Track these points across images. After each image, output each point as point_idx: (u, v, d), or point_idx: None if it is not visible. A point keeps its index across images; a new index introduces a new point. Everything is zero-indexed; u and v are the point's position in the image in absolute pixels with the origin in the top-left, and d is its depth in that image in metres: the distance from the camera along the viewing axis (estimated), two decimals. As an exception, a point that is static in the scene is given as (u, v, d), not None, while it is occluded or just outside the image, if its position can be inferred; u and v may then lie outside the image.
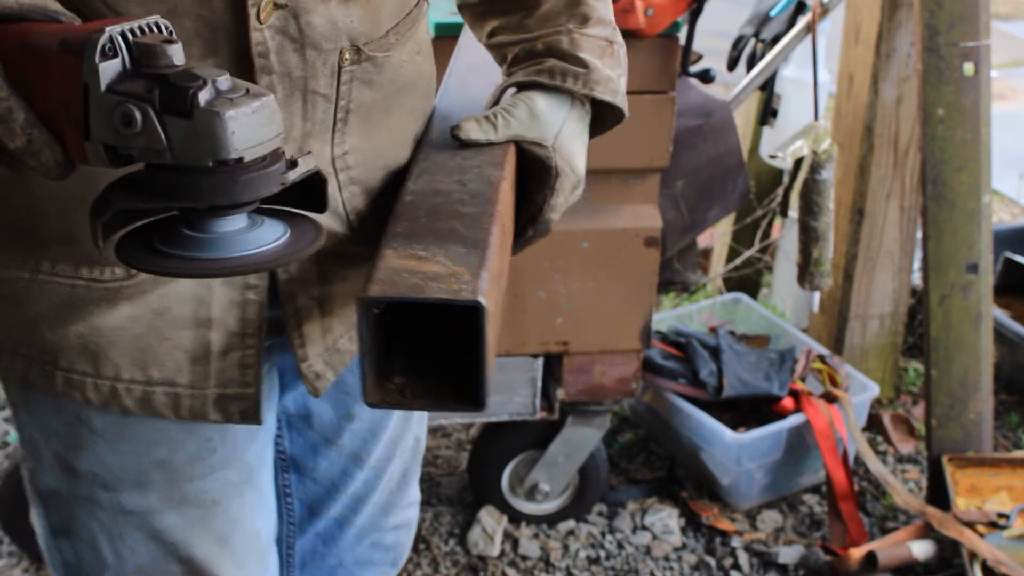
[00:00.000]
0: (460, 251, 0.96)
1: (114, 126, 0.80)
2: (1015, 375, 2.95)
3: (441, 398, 0.96)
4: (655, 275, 2.23)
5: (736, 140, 2.48)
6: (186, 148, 0.80)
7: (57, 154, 0.85)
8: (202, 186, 0.81)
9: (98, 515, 1.14)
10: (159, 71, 0.80)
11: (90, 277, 1.03)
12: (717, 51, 2.94)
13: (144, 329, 1.05)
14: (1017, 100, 5.04)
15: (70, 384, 1.07)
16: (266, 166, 0.83)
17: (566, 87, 1.11)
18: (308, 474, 1.38)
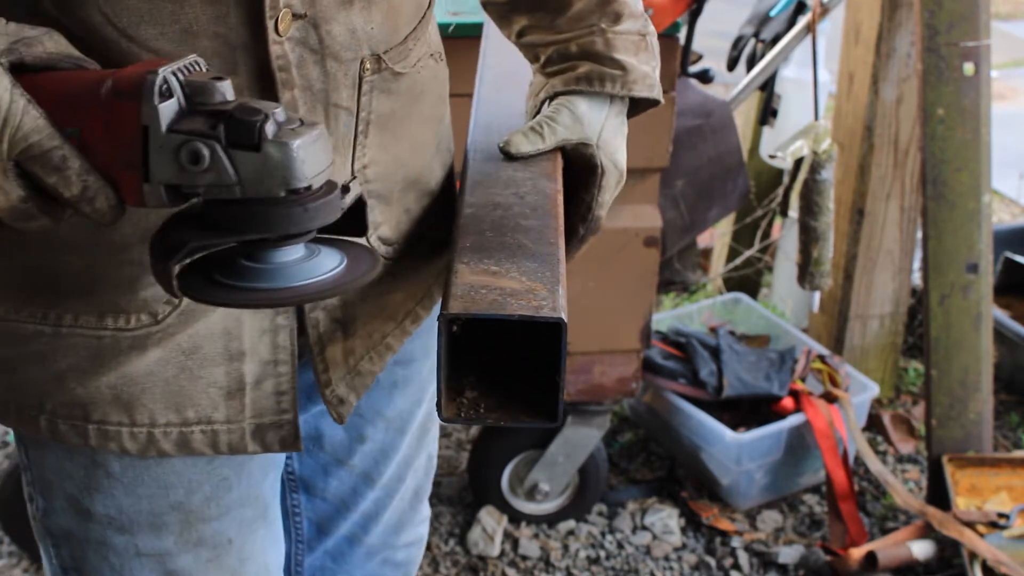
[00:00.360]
0: (532, 266, 0.96)
1: (179, 165, 0.80)
2: (1015, 375, 2.95)
3: (513, 412, 0.96)
4: (655, 275, 2.23)
5: (736, 140, 2.48)
6: (256, 180, 0.80)
7: (111, 199, 0.84)
8: (275, 216, 0.81)
9: (110, 558, 1.12)
10: (216, 108, 0.81)
11: (115, 327, 1.01)
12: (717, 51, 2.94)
13: (176, 371, 1.03)
14: (1017, 100, 5.04)
15: (105, 436, 1.04)
16: (328, 193, 0.84)
17: (605, 91, 1.12)
18: (318, 494, 1.36)
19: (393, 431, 1.32)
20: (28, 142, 0.81)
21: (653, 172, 2.17)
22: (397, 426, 1.32)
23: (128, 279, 1.00)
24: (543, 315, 0.89)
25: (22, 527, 2.33)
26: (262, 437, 1.08)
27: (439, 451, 2.75)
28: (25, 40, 0.83)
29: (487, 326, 0.92)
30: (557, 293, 0.93)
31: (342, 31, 0.98)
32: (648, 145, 2.13)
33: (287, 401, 1.08)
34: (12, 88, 0.80)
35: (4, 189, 0.82)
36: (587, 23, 1.13)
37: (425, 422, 1.36)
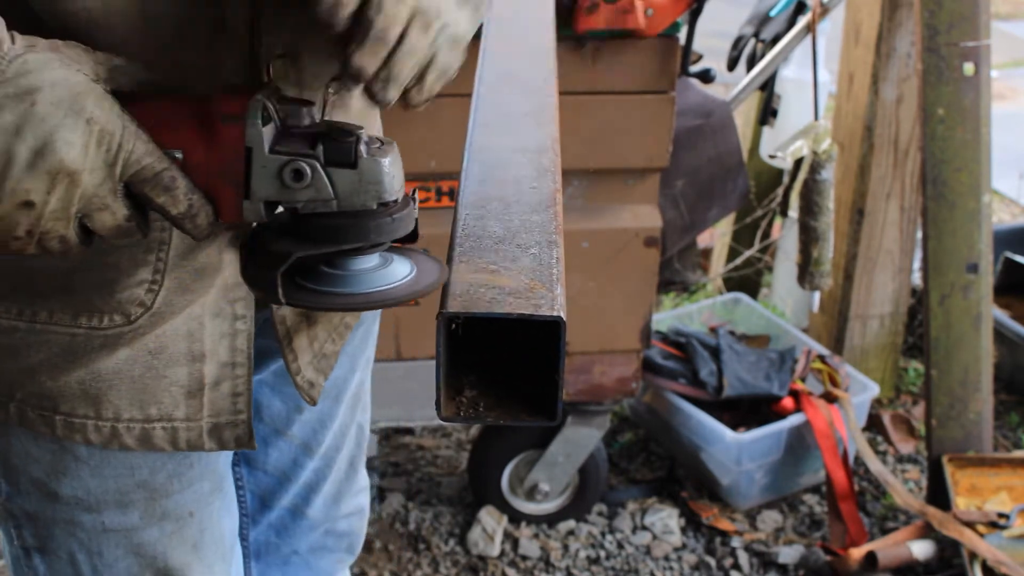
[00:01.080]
0: (530, 264, 0.97)
1: (281, 183, 0.88)
2: (1015, 375, 2.95)
3: (513, 411, 0.97)
4: (655, 275, 2.23)
5: (736, 140, 2.47)
6: (352, 195, 0.88)
7: (211, 215, 0.90)
8: (368, 227, 0.89)
9: (78, 535, 1.16)
10: (307, 129, 0.89)
11: (89, 326, 1.05)
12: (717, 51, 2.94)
13: (142, 370, 1.07)
14: (1017, 100, 5.04)
15: (71, 428, 1.08)
16: (407, 205, 0.92)
17: None
18: (259, 466, 1.40)
19: (329, 399, 1.36)
20: (141, 165, 0.86)
21: (653, 172, 2.18)
22: (333, 394, 1.36)
23: (106, 281, 1.03)
24: (542, 314, 0.90)
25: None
26: (219, 435, 1.12)
27: (439, 451, 2.76)
28: (118, 69, 0.87)
29: (486, 325, 0.93)
30: (555, 291, 0.93)
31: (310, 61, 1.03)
32: (648, 145, 2.13)
33: (242, 402, 1.12)
34: (122, 114, 0.85)
35: (112, 209, 0.87)
36: None
37: (358, 391, 1.40)
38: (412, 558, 2.45)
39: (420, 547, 2.47)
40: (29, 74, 0.82)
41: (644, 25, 2.01)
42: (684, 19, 2.19)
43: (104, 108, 0.84)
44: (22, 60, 0.82)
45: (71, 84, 0.83)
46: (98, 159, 0.84)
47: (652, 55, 2.06)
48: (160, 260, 1.04)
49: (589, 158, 2.12)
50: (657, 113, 2.11)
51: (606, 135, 2.10)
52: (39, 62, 0.83)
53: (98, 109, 0.83)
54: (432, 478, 2.67)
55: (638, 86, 2.08)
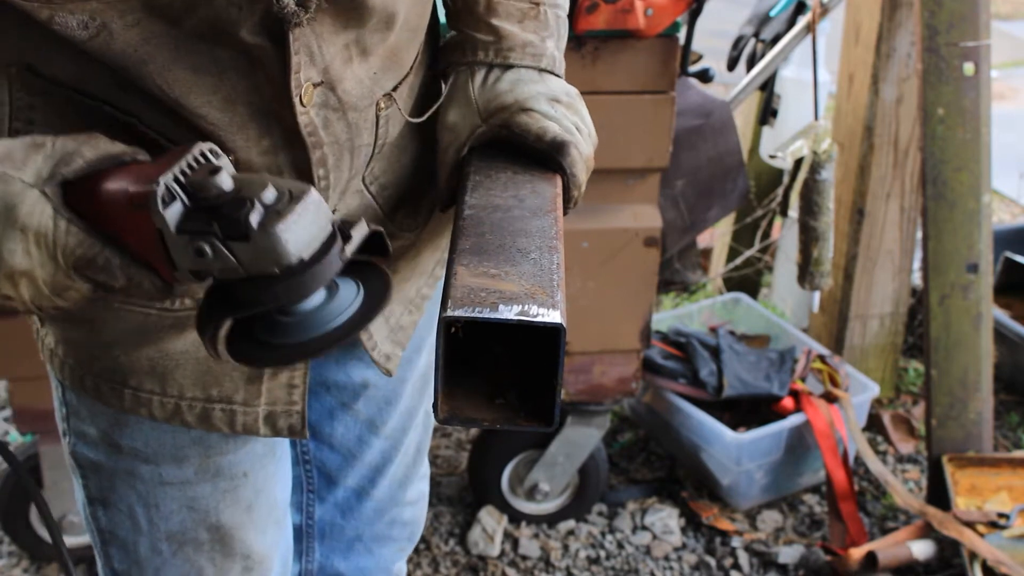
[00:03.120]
0: (531, 270, 0.98)
1: (193, 259, 0.92)
2: (1015, 375, 2.95)
3: (510, 415, 0.99)
4: (655, 275, 2.23)
5: (736, 140, 2.47)
6: (254, 264, 0.91)
7: (156, 282, 0.96)
8: (277, 290, 0.92)
9: (137, 487, 1.23)
10: (214, 202, 0.91)
11: (162, 307, 1.12)
12: (717, 51, 2.94)
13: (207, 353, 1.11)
14: (1017, 100, 5.04)
15: (138, 401, 1.16)
16: (324, 254, 0.93)
17: (477, 60, 1.14)
18: (325, 440, 1.44)
19: (395, 379, 1.39)
20: (76, 255, 0.94)
21: (653, 172, 2.18)
22: (399, 374, 1.39)
23: None
24: (541, 320, 0.92)
25: (22, 527, 2.33)
26: (273, 423, 1.19)
27: (439, 451, 2.76)
28: (65, 159, 0.94)
29: (486, 329, 0.94)
30: (556, 298, 0.95)
31: (353, 85, 1.06)
32: (648, 145, 2.13)
33: (298, 394, 1.19)
34: (55, 215, 0.93)
35: (75, 287, 0.96)
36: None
37: (426, 373, 1.43)
38: (412, 558, 2.45)
39: (420, 547, 2.47)
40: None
41: (644, 25, 2.01)
42: (684, 19, 2.19)
43: (35, 212, 0.92)
44: None
45: (6, 196, 0.91)
46: (42, 256, 0.93)
47: (652, 55, 2.06)
48: None
49: (589, 158, 2.12)
50: (657, 113, 2.11)
51: (606, 135, 2.08)
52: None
53: (28, 216, 0.92)
54: (432, 478, 2.67)
55: (638, 86, 2.08)
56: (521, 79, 1.14)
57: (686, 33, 2.30)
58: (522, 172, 1.12)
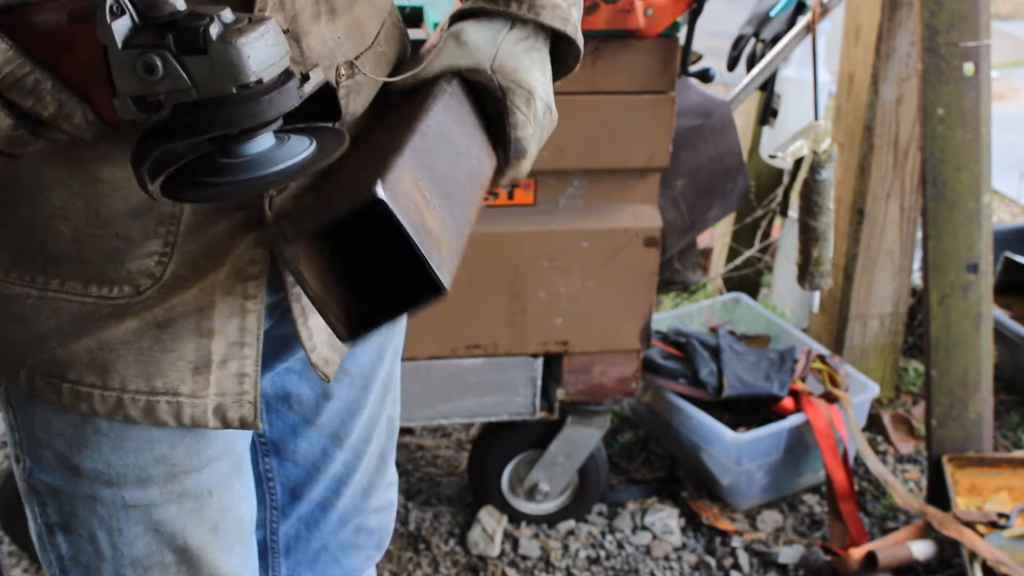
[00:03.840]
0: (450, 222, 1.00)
1: (138, 77, 0.86)
2: (1015, 375, 2.95)
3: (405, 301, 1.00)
4: (655, 275, 2.23)
5: (736, 140, 2.47)
6: (209, 81, 0.86)
7: (88, 114, 0.91)
8: (230, 113, 0.87)
9: (98, 511, 1.17)
10: (167, 19, 0.86)
11: (99, 294, 1.07)
12: (717, 51, 2.94)
13: (150, 342, 1.08)
14: (1017, 100, 5.04)
15: (77, 396, 1.10)
16: (283, 83, 0.89)
17: (509, 11, 1.12)
18: (288, 457, 1.41)
19: (357, 388, 1.36)
20: (2, 73, 0.89)
21: (653, 172, 2.18)
22: (360, 383, 1.36)
23: (115, 251, 1.05)
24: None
25: (22, 527, 2.33)
26: (223, 414, 1.13)
27: (439, 451, 2.76)
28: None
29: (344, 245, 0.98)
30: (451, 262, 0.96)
31: (318, 42, 1.05)
32: (648, 145, 2.13)
33: (249, 383, 1.13)
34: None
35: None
36: None
37: (387, 381, 1.40)
38: (412, 558, 2.45)
39: (420, 547, 2.47)
40: None
41: (644, 25, 2.01)
42: (684, 19, 2.19)
43: None
44: None
45: None
46: None
47: (652, 55, 2.06)
48: (171, 233, 1.05)
49: (589, 158, 2.12)
50: (657, 113, 2.11)
51: (606, 135, 2.10)
52: None
53: None
54: (432, 478, 2.67)
55: (638, 86, 2.08)
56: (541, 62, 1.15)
57: (686, 33, 2.31)
58: (480, 133, 1.13)
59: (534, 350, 2.25)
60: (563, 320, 2.23)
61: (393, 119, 1.10)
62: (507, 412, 2.32)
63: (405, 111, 1.10)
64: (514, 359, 2.26)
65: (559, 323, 2.23)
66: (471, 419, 2.35)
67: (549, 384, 2.33)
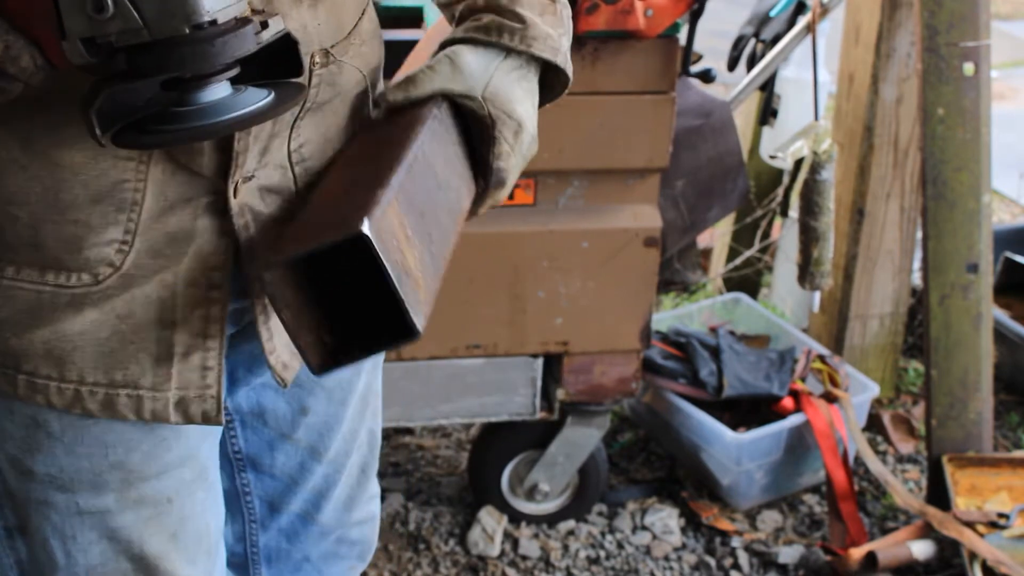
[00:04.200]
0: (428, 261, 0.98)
1: (87, 16, 0.82)
2: (1015, 375, 2.95)
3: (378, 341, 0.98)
4: (655, 275, 2.23)
5: (736, 140, 2.47)
6: (161, 20, 0.82)
7: (37, 57, 0.88)
8: (183, 54, 0.83)
9: (51, 517, 1.14)
10: None
11: (56, 283, 1.03)
12: (717, 51, 2.94)
13: (109, 333, 1.06)
14: (1017, 100, 5.04)
15: (33, 388, 1.07)
16: (239, 26, 0.86)
17: (502, 42, 1.11)
18: (266, 470, 1.39)
19: (335, 403, 1.34)
20: None
21: (653, 172, 2.18)
22: (338, 397, 1.34)
23: (73, 238, 1.02)
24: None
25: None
26: (185, 409, 1.10)
27: (439, 451, 2.76)
28: None
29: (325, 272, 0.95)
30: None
31: (296, 27, 1.02)
32: (648, 145, 2.13)
33: (212, 377, 1.10)
34: None
35: None
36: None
37: (365, 394, 1.39)
38: (412, 558, 2.45)
39: (420, 547, 2.47)
40: None
41: (644, 26, 2.01)
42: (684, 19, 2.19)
43: None
44: None
45: None
46: None
47: (652, 56, 2.06)
48: (131, 220, 1.02)
49: (589, 158, 2.12)
50: (657, 113, 2.11)
51: (606, 135, 2.10)
52: None
53: None
54: (432, 478, 2.67)
55: (638, 87, 2.08)
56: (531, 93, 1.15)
57: (687, 33, 2.30)
58: (462, 162, 1.12)
59: (534, 350, 2.25)
60: (563, 320, 2.23)
61: (379, 140, 1.09)
62: (507, 412, 2.32)
63: (391, 133, 1.08)
64: (514, 359, 2.26)
65: (559, 323, 2.23)
66: (471, 419, 2.35)
67: (549, 384, 2.33)
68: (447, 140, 1.11)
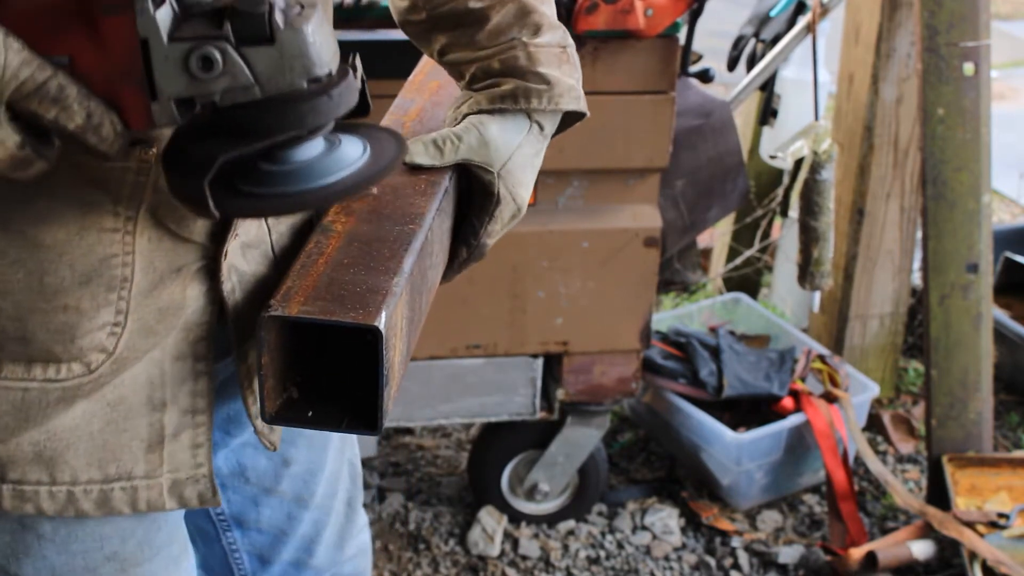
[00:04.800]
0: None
1: (189, 75, 0.75)
2: (1015, 375, 2.95)
3: (337, 418, 0.93)
4: (655, 275, 2.23)
5: (736, 140, 2.47)
6: (276, 76, 0.75)
7: (116, 123, 0.79)
8: (301, 111, 0.76)
9: None
10: (212, 6, 0.75)
11: (44, 377, 0.95)
12: (717, 51, 2.94)
13: (102, 424, 0.99)
14: (1017, 100, 5.04)
15: (21, 497, 0.98)
16: (344, 75, 0.79)
17: (531, 107, 1.09)
18: (252, 526, 1.34)
19: (316, 448, 1.30)
20: (19, 79, 0.75)
21: (653, 172, 2.18)
22: (319, 442, 1.30)
23: (64, 326, 0.95)
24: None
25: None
26: (180, 492, 1.05)
27: (439, 451, 2.76)
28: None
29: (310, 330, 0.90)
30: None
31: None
32: (648, 145, 2.13)
33: (202, 455, 1.05)
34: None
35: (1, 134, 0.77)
36: (507, 37, 1.10)
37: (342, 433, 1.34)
38: (412, 558, 2.45)
39: (420, 547, 2.47)
40: None
41: (644, 26, 2.01)
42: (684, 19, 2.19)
43: None
44: None
45: None
46: None
47: (652, 55, 2.06)
48: (122, 299, 0.95)
49: (589, 158, 2.12)
50: (657, 113, 2.11)
51: (606, 135, 2.10)
52: None
53: None
54: (432, 478, 2.67)
55: (638, 86, 2.08)
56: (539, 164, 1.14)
57: (686, 33, 2.30)
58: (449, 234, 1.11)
59: (534, 350, 2.25)
60: (563, 320, 2.23)
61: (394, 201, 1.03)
62: (507, 412, 2.32)
63: (405, 198, 1.03)
64: (514, 359, 2.26)
65: (559, 323, 2.23)
66: (471, 419, 2.35)
67: (549, 384, 2.33)
68: (447, 214, 1.08)
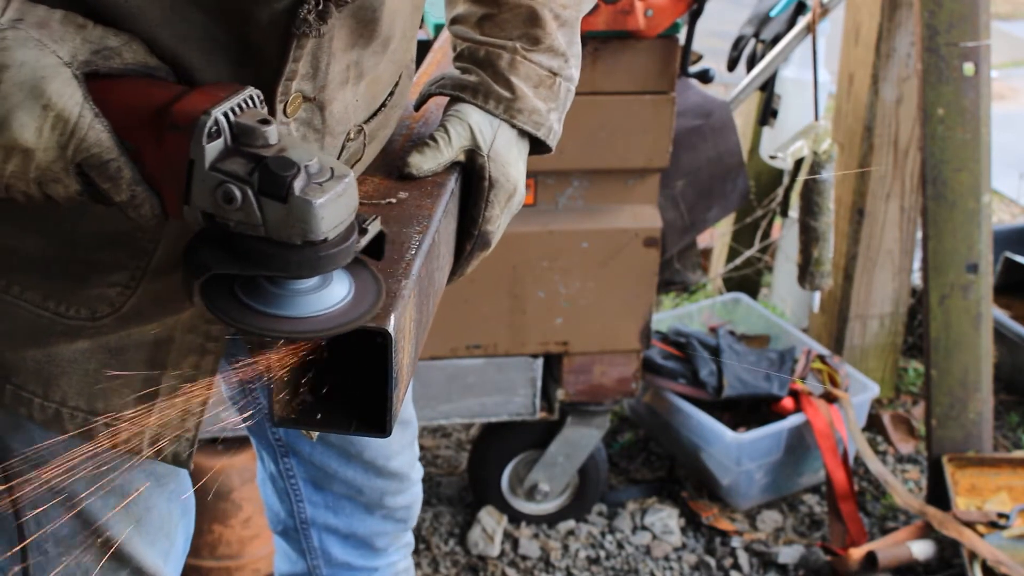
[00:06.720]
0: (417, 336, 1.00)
1: (215, 199, 0.88)
2: (1015, 375, 2.95)
3: (346, 421, 1.00)
4: (655, 275, 2.23)
5: (736, 140, 2.48)
6: (279, 227, 0.87)
7: (156, 208, 0.92)
8: (291, 260, 0.88)
9: (25, 489, 1.17)
10: (257, 151, 0.88)
11: (55, 311, 1.07)
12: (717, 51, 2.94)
13: (98, 366, 1.09)
14: (1017, 100, 5.03)
15: (18, 399, 1.11)
16: (344, 240, 0.90)
17: (486, 108, 1.13)
18: (305, 459, 1.45)
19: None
20: (89, 152, 0.89)
21: (653, 172, 2.18)
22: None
23: (78, 275, 1.06)
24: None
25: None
26: (158, 446, 1.13)
27: (439, 451, 2.76)
28: (105, 52, 0.90)
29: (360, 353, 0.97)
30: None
31: (340, 109, 1.04)
32: (648, 145, 2.13)
33: (191, 421, 1.13)
34: (84, 101, 0.88)
35: (64, 183, 0.91)
36: (505, 35, 1.14)
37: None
38: (412, 558, 2.45)
39: (420, 547, 2.47)
40: (3, 51, 0.86)
41: (644, 26, 2.01)
42: (684, 19, 2.19)
43: (65, 94, 0.87)
44: (1, 36, 0.86)
45: (38, 67, 0.86)
46: (51, 140, 0.88)
47: (652, 56, 2.06)
48: (139, 268, 1.06)
49: (589, 158, 2.12)
50: (657, 113, 2.11)
51: (606, 135, 2.10)
52: (17, 40, 0.86)
53: (58, 95, 0.87)
54: (432, 478, 2.67)
55: (638, 86, 2.08)
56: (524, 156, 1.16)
57: (686, 33, 2.31)
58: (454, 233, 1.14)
59: (534, 350, 2.25)
60: (563, 320, 2.23)
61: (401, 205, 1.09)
62: (507, 412, 2.32)
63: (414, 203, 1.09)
64: (514, 359, 2.26)
65: (559, 323, 2.23)
66: (471, 419, 2.35)
67: (549, 384, 2.33)
68: (453, 216, 1.13)
